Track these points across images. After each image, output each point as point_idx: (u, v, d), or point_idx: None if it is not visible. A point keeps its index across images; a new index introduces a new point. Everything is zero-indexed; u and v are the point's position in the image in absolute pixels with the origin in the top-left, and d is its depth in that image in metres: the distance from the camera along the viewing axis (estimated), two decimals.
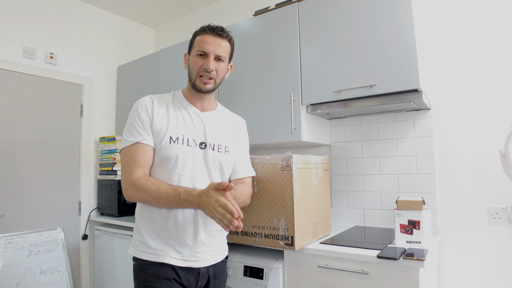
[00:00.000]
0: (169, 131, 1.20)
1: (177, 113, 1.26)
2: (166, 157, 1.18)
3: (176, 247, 1.18)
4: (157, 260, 1.16)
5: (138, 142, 1.18)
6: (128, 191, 1.16)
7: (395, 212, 1.48)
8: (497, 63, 1.67)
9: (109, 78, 3.02)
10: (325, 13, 1.78)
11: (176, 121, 1.23)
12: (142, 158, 1.18)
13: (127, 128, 1.22)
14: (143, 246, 1.19)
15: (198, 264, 1.21)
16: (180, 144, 1.20)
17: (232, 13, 2.80)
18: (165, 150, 1.18)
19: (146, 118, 1.20)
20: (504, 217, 1.61)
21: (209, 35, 1.24)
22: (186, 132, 1.23)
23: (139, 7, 3.02)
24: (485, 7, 1.71)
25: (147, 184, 1.13)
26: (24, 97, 2.45)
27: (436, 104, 1.82)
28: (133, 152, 1.18)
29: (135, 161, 1.17)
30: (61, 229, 2.38)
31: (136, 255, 1.20)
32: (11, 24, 2.41)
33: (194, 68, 1.24)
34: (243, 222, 1.60)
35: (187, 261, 1.19)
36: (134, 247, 1.23)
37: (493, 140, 1.66)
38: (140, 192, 1.13)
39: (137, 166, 1.17)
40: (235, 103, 2.09)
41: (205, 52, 1.23)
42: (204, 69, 1.23)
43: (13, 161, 2.37)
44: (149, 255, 1.18)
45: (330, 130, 2.15)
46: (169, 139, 1.19)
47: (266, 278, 1.54)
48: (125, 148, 1.20)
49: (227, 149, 1.31)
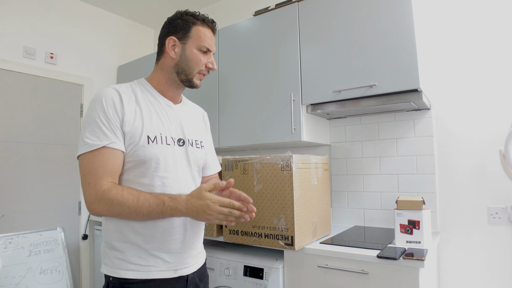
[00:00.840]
0: (145, 129, 1.03)
1: (149, 106, 1.08)
2: (145, 160, 1.02)
3: (164, 257, 1.04)
4: (144, 277, 1.01)
5: (105, 147, 0.97)
6: (96, 206, 0.96)
7: (395, 212, 1.48)
8: (497, 63, 1.67)
9: (109, 78, 3.02)
10: (325, 13, 1.78)
11: (150, 116, 1.07)
12: (112, 165, 0.98)
13: (89, 127, 0.99)
14: (124, 262, 1.02)
15: (187, 270, 1.10)
16: (159, 143, 1.05)
17: (232, 13, 2.80)
18: (144, 152, 1.01)
19: (114, 117, 1.00)
20: (504, 217, 1.61)
21: (209, 29, 1.15)
22: (163, 129, 1.08)
23: (139, 7, 3.02)
24: (485, 7, 1.71)
25: (122, 195, 0.95)
26: (24, 97, 2.45)
27: (436, 104, 1.82)
28: (100, 158, 0.97)
29: (103, 169, 0.96)
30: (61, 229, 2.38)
31: (115, 274, 1.02)
32: (11, 24, 2.41)
33: (197, 64, 1.11)
34: (243, 222, 1.59)
35: (177, 270, 1.07)
36: (110, 265, 1.03)
37: (493, 140, 1.66)
38: (114, 206, 0.95)
39: (106, 175, 0.97)
40: (235, 103, 2.09)
41: (210, 49, 1.13)
42: (210, 68, 1.14)
43: (13, 161, 2.37)
44: (133, 272, 1.01)
45: (330, 130, 2.15)
46: (146, 139, 1.03)
47: (266, 278, 1.54)
48: (88, 153, 0.97)
49: (202, 144, 1.21)
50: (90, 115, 1.01)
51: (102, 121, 0.99)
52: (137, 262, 1.02)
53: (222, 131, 2.14)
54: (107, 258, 1.05)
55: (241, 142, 2.04)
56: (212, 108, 2.20)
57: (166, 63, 1.13)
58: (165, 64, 1.13)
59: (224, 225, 0.96)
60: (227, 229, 1.65)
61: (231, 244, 1.88)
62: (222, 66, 2.18)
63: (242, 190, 1.60)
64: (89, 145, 0.97)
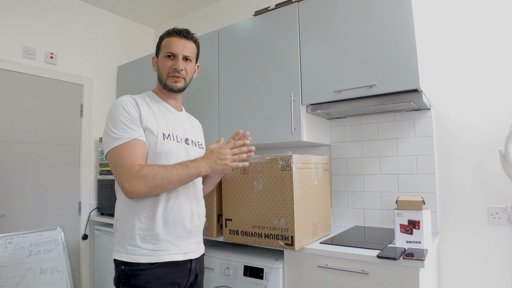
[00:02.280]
0: (161, 127, 1.21)
1: (159, 111, 1.28)
2: (162, 152, 1.18)
3: (174, 242, 1.18)
4: (156, 261, 1.14)
5: (136, 139, 1.14)
6: (134, 185, 1.08)
7: (395, 212, 1.48)
8: (497, 63, 1.67)
9: (109, 78, 3.02)
10: (325, 13, 1.78)
11: (162, 118, 1.25)
12: (141, 153, 1.14)
13: (115, 127, 1.14)
14: (137, 248, 1.14)
15: (193, 255, 1.25)
16: (172, 140, 1.23)
17: (232, 13, 2.80)
18: (162, 146, 1.18)
19: (136, 115, 1.17)
20: (504, 217, 1.61)
21: (175, 37, 1.30)
22: (172, 129, 1.26)
23: (139, 7, 3.02)
24: (485, 7, 1.71)
25: (153, 168, 1.10)
26: (24, 97, 2.46)
27: (436, 104, 1.82)
28: (130, 147, 1.12)
29: (134, 156, 1.11)
30: (61, 229, 2.38)
31: (129, 260, 1.13)
32: (11, 24, 2.41)
33: (164, 69, 1.29)
34: (243, 222, 1.60)
35: (186, 253, 1.22)
36: (123, 252, 1.15)
37: (493, 140, 1.66)
38: (149, 180, 1.08)
39: (138, 159, 1.12)
40: (235, 103, 2.09)
41: (173, 53, 1.28)
42: (174, 69, 1.28)
43: (13, 161, 2.37)
44: (146, 257, 1.13)
45: (330, 130, 2.15)
46: (162, 135, 1.20)
47: (266, 278, 1.54)
48: (119, 146, 1.11)
49: (202, 146, 1.42)
50: (113, 117, 1.16)
51: (127, 119, 1.15)
52: (150, 248, 1.14)
53: (222, 131, 2.14)
54: (120, 246, 1.17)
55: None
56: (212, 108, 2.20)
57: (157, 78, 1.35)
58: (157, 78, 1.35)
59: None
60: (227, 229, 1.65)
61: (231, 244, 1.88)
62: (222, 66, 2.18)
63: (242, 190, 1.61)
64: (120, 138, 1.12)
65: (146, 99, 1.28)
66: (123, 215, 1.19)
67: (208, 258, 1.75)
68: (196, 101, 2.29)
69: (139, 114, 1.18)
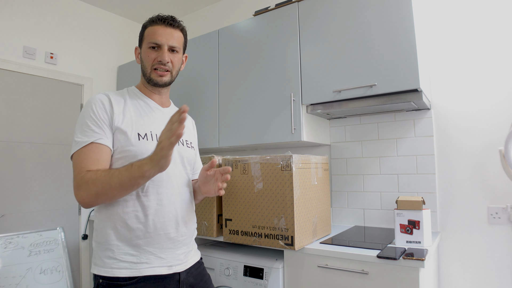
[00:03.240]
0: (136, 127, 1.08)
1: (138, 108, 1.14)
2: (136, 155, 1.05)
3: (157, 253, 1.06)
4: (137, 275, 1.02)
5: (93, 142, 1.02)
6: (78, 192, 0.98)
7: (395, 212, 1.48)
8: (497, 63, 1.67)
9: (109, 78, 3.02)
10: (325, 13, 1.78)
11: (140, 116, 1.12)
12: (96, 157, 1.01)
13: (79, 128, 1.05)
14: (115, 261, 1.03)
15: (181, 267, 1.11)
16: (149, 140, 1.09)
17: (232, 13, 2.80)
18: (135, 148, 1.05)
19: (103, 115, 1.05)
20: (504, 217, 1.61)
21: (160, 25, 1.16)
22: (153, 128, 1.12)
23: (139, 7, 3.02)
24: (485, 7, 1.71)
25: (96, 173, 0.97)
26: (24, 97, 2.45)
27: (436, 104, 1.82)
28: (86, 152, 1.01)
29: (86, 161, 1.00)
30: (61, 229, 2.38)
31: (106, 274, 1.02)
32: (11, 24, 2.41)
33: (148, 61, 1.16)
34: (243, 222, 1.60)
35: (172, 266, 1.09)
36: (100, 265, 1.04)
37: (493, 140, 1.66)
38: (90, 186, 0.96)
39: (89, 165, 1.00)
40: (235, 103, 2.09)
41: (158, 43, 1.14)
42: (159, 61, 1.15)
43: (13, 161, 2.37)
44: (125, 270, 1.02)
45: (330, 130, 2.15)
46: (136, 136, 1.07)
47: (266, 278, 1.54)
48: (78, 151, 1.02)
49: (192, 144, 1.28)
50: (81, 117, 1.07)
51: (91, 121, 1.04)
52: (129, 260, 1.03)
53: (222, 131, 2.14)
54: (98, 258, 1.06)
55: (241, 142, 2.05)
56: (212, 108, 2.20)
57: (141, 70, 1.22)
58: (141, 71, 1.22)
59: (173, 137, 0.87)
60: (227, 229, 1.65)
61: (231, 244, 1.88)
62: (222, 66, 2.18)
63: (242, 190, 1.61)
64: (79, 143, 1.03)
65: (125, 96, 1.16)
66: (100, 224, 1.08)
67: (208, 258, 1.75)
68: (196, 101, 2.29)
69: (110, 113, 1.06)
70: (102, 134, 1.04)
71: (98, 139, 1.03)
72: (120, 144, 1.06)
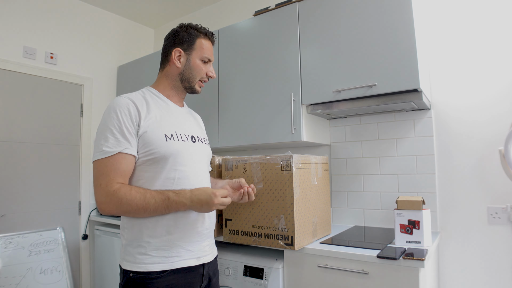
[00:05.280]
0: (162, 129, 1.13)
1: (160, 109, 1.18)
2: (165, 155, 1.10)
3: (186, 246, 1.12)
4: (169, 268, 1.08)
5: (120, 153, 1.05)
6: (107, 205, 1.03)
7: (395, 212, 1.48)
8: (497, 63, 1.67)
9: (109, 78, 3.02)
10: (325, 13, 1.78)
11: (164, 117, 1.17)
12: (123, 169, 1.06)
13: (104, 135, 1.07)
14: (148, 257, 1.07)
15: (207, 258, 1.19)
16: (175, 140, 1.14)
17: (232, 13, 2.80)
18: (164, 149, 1.10)
19: (129, 123, 1.08)
20: (504, 217, 1.61)
21: (210, 42, 1.29)
22: (176, 128, 1.18)
23: (139, 7, 3.02)
24: (485, 7, 1.71)
25: (131, 193, 1.02)
26: (24, 97, 2.45)
27: (436, 104, 1.82)
28: (112, 162, 1.04)
29: (114, 172, 1.04)
30: (61, 229, 2.38)
31: (139, 269, 1.07)
32: (11, 24, 2.41)
33: (199, 72, 1.25)
34: (243, 222, 1.60)
35: (200, 257, 1.16)
36: (132, 261, 1.08)
37: (493, 140, 1.66)
38: (123, 205, 1.02)
39: (117, 177, 1.04)
40: (235, 103, 2.09)
41: (210, 59, 1.27)
42: (210, 77, 1.29)
43: (13, 161, 2.37)
44: (158, 265, 1.07)
45: (330, 130, 2.15)
46: (164, 137, 1.11)
47: (266, 278, 1.54)
48: (103, 159, 1.05)
49: (207, 141, 1.35)
50: (105, 123, 1.09)
51: (117, 129, 1.07)
52: (161, 255, 1.09)
53: (222, 131, 2.14)
54: (129, 255, 1.10)
55: (241, 142, 2.05)
56: (212, 108, 2.20)
57: (171, 71, 1.25)
58: (170, 72, 1.25)
59: (221, 207, 1.12)
60: (227, 229, 1.65)
61: (231, 244, 1.88)
62: (222, 66, 2.18)
63: None
64: (105, 152, 1.05)
65: (146, 97, 1.19)
66: (129, 222, 1.12)
67: None
68: (196, 101, 2.29)
69: (137, 119, 1.09)
70: (127, 144, 1.07)
71: (124, 149, 1.06)
72: (148, 146, 1.09)
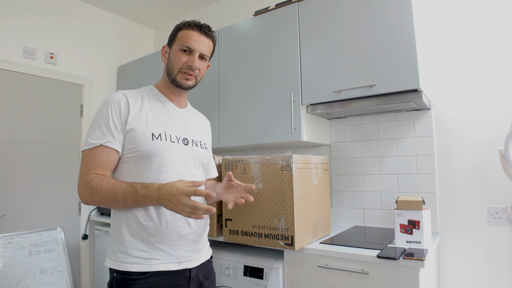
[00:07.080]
0: (150, 127, 1.11)
1: (154, 108, 1.17)
2: (148, 154, 1.09)
3: (167, 250, 1.09)
4: (147, 270, 1.06)
5: (102, 145, 1.06)
6: (82, 193, 1.05)
7: (395, 212, 1.48)
8: (497, 63, 1.67)
9: (109, 78, 3.02)
10: (325, 13, 1.78)
11: (156, 116, 1.15)
12: (103, 160, 1.07)
13: (92, 127, 1.10)
14: (127, 256, 1.07)
15: (191, 264, 1.14)
16: (163, 140, 1.12)
17: (232, 13, 2.80)
18: (148, 148, 1.08)
19: (117, 118, 1.09)
20: (504, 217, 1.61)
21: (195, 31, 1.18)
22: (167, 128, 1.16)
23: (139, 7, 3.02)
24: (485, 7, 1.71)
25: (101, 183, 1.03)
26: (24, 97, 2.45)
27: (436, 104, 1.82)
28: (94, 154, 1.06)
29: (93, 163, 1.06)
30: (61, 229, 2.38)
31: (118, 268, 1.07)
32: (11, 24, 2.41)
33: (177, 63, 1.17)
34: (243, 222, 1.60)
35: (181, 262, 1.12)
36: (113, 259, 1.09)
37: (493, 140, 1.66)
38: (94, 194, 1.03)
39: (96, 168, 1.06)
40: (235, 103, 2.09)
41: (191, 48, 1.17)
42: (189, 66, 1.17)
43: (13, 161, 2.37)
44: (136, 265, 1.06)
45: (330, 130, 2.15)
46: (150, 135, 1.10)
47: (266, 278, 1.54)
48: (87, 150, 1.08)
49: (206, 145, 1.29)
50: (96, 116, 1.11)
51: (104, 122, 1.08)
52: (141, 256, 1.07)
53: (222, 131, 2.14)
54: (112, 253, 1.10)
55: (241, 142, 2.05)
56: (212, 108, 2.20)
57: (164, 69, 1.24)
58: (164, 70, 1.24)
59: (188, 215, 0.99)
60: (227, 229, 1.65)
61: (231, 244, 1.88)
62: (222, 66, 2.18)
63: None
64: (89, 143, 1.08)
65: (143, 95, 1.18)
66: (114, 219, 1.13)
67: None
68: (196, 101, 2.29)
69: (125, 115, 1.09)
70: (111, 137, 1.08)
71: (106, 142, 1.07)
72: (133, 143, 1.09)
